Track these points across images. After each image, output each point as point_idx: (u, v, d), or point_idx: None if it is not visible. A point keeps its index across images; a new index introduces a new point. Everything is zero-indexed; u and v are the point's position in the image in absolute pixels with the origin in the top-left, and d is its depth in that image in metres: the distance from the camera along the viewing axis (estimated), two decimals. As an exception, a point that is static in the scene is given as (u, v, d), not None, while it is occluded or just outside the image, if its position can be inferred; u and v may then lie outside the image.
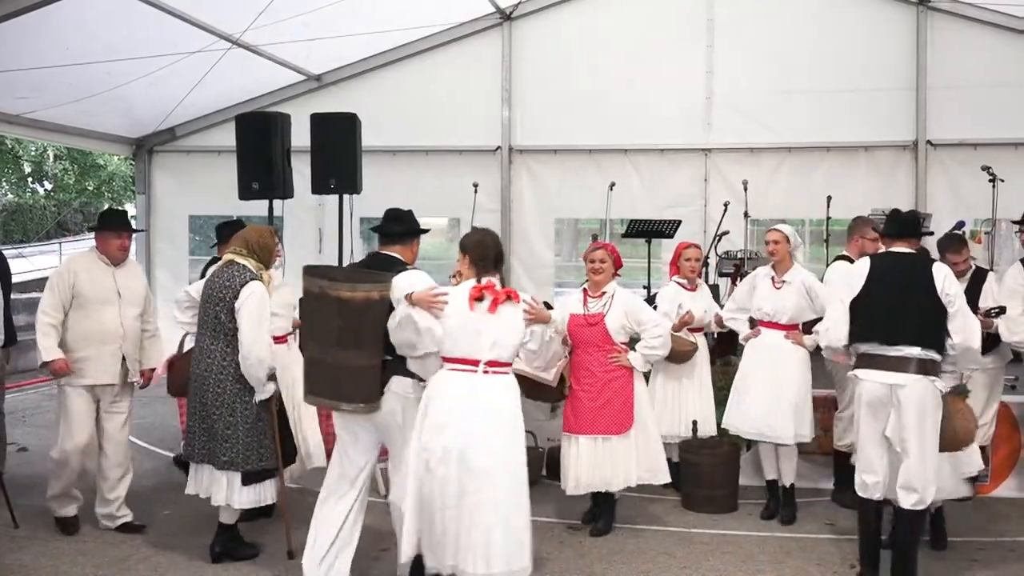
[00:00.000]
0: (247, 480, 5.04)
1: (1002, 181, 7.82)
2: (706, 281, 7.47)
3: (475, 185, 9.48)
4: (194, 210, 11.13)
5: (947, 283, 4.82)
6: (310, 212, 10.22)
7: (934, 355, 4.75)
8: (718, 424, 6.38)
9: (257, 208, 8.25)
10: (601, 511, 5.85)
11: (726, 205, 8.91)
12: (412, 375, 4.51)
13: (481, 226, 5.06)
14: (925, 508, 4.78)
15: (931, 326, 4.76)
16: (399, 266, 4.65)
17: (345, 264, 7.80)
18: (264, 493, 5.14)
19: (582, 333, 5.70)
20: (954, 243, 5.94)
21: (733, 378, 6.35)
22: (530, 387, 5.42)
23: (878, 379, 4.79)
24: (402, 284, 4.42)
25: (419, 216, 5.01)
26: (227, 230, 6.22)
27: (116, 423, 5.73)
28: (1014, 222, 6.42)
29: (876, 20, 9.60)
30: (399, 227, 4.81)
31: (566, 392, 5.78)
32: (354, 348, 4.45)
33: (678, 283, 6.62)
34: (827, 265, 7.39)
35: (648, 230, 8.78)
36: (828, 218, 8.84)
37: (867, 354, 4.87)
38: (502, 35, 10.23)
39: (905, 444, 4.72)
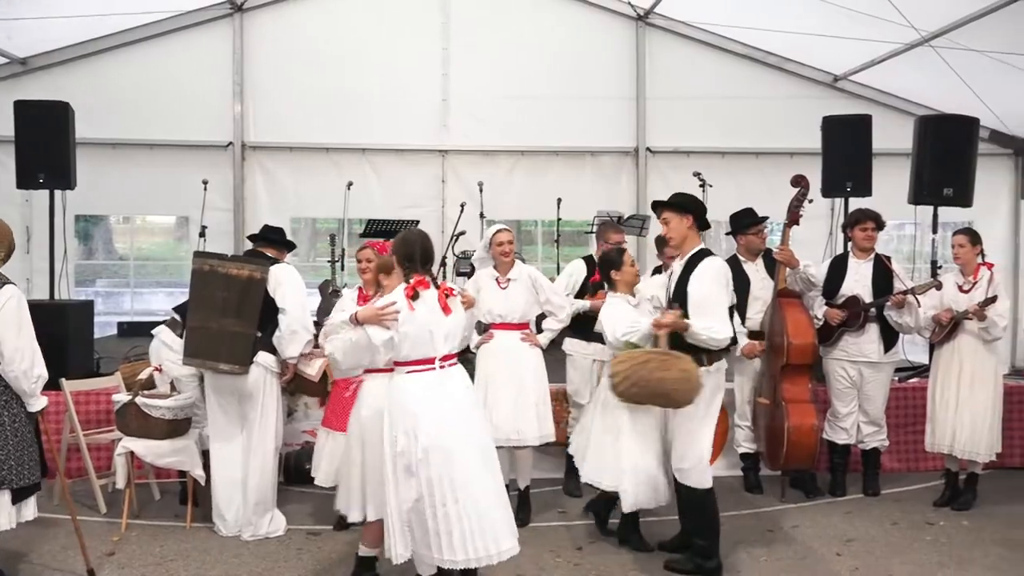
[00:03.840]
0: (17, 498, 4.52)
1: (711, 186, 8.48)
2: (442, 278, 7.45)
3: (205, 182, 9.02)
4: None
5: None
6: (15, 208, 9.27)
7: None
8: None
9: (-50, 203, 7.43)
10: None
11: (462, 206, 9.09)
12: (275, 352, 5.44)
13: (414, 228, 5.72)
14: None
15: None
16: (273, 260, 5.61)
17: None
18: (26, 511, 4.61)
19: None
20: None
21: None
22: (293, 382, 5.66)
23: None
24: (278, 274, 5.42)
25: (144, 214, 5.00)
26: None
27: None
28: (726, 234, 6.90)
29: (602, 33, 10.15)
30: (274, 235, 5.84)
31: (328, 388, 5.74)
32: (235, 316, 5.36)
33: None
34: (558, 264, 7.73)
35: (386, 230, 8.78)
36: (558, 219, 9.25)
37: None
38: (233, 26, 9.81)
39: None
